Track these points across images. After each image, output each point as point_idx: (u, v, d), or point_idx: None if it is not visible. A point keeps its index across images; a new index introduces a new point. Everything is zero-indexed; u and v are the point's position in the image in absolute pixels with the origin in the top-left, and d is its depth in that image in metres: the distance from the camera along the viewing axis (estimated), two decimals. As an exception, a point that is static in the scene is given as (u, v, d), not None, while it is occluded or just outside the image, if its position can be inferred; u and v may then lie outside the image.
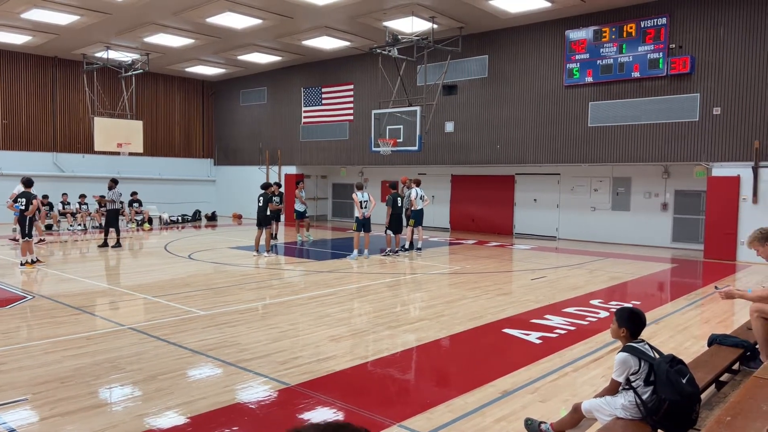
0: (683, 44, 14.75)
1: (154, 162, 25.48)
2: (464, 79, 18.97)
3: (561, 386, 5.23)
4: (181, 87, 26.76)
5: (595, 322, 7.72)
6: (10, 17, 17.12)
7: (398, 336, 6.97)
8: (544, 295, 9.45)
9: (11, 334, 6.83)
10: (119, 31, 18.52)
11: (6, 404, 4.64)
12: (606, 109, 16.11)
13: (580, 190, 18.49)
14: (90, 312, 8.06)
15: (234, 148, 27.13)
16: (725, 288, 5.42)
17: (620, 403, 3.73)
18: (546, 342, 6.70)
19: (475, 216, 20.87)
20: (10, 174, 20.39)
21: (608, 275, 11.73)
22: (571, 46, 16.53)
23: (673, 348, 6.30)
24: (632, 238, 17.30)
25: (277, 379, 5.31)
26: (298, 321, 7.63)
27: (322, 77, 23.08)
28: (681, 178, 16.50)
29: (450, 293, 9.75)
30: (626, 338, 3.86)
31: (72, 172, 22.90)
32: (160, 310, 8.17)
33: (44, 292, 9.31)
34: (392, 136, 17.50)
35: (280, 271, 12.18)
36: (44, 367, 5.57)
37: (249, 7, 15.96)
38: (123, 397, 4.95)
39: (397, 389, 5.31)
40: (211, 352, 6.12)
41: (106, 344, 6.38)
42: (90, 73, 22.00)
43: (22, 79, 22.06)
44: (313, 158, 23.81)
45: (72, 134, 23.39)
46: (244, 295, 9.44)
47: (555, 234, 18.96)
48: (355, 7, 15.74)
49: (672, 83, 15.00)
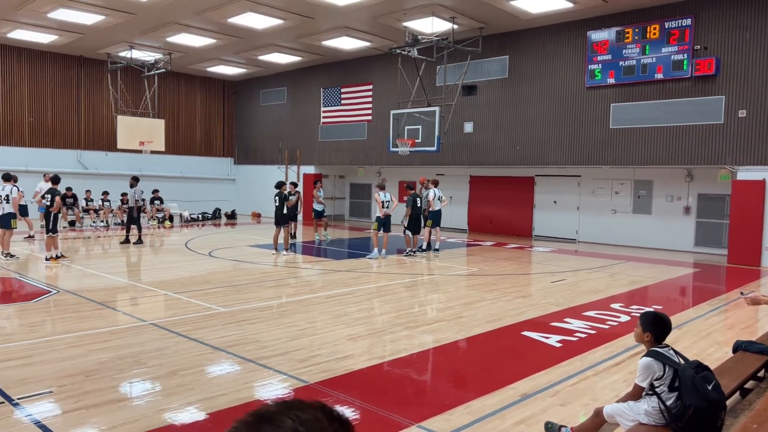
0: (708, 45, 14.52)
1: (175, 160, 25.77)
2: (484, 80, 18.88)
3: (581, 390, 5.18)
4: (203, 86, 27.03)
5: (616, 326, 7.64)
6: (37, 17, 17.45)
7: (416, 336, 6.96)
8: (563, 298, 9.37)
9: (37, 328, 6.96)
10: (143, 31, 18.77)
11: (32, 396, 4.73)
12: (628, 111, 15.92)
13: (600, 193, 18.30)
14: (113, 307, 8.18)
15: (254, 147, 27.33)
16: (751, 293, 5.32)
17: (643, 409, 3.69)
18: (566, 345, 6.64)
19: (493, 217, 20.76)
20: (36, 170, 20.75)
21: (629, 279, 11.59)
22: (593, 46, 16.36)
23: (697, 354, 6.20)
24: (654, 242, 17.07)
25: (296, 376, 5.34)
26: (317, 319, 7.67)
27: (341, 77, 23.15)
28: (704, 181, 16.25)
29: (468, 295, 9.71)
30: (650, 343, 3.81)
31: (95, 170, 23.24)
32: (182, 306, 8.27)
33: (68, 287, 9.46)
34: (411, 137, 17.49)
35: (299, 270, 12.25)
36: (69, 360, 5.67)
37: (270, 8, 16.06)
38: (145, 392, 5.02)
39: (415, 390, 5.31)
40: (231, 348, 6.18)
41: (129, 339, 6.47)
42: (114, 72, 22.33)
43: (48, 77, 22.46)
44: (331, 158, 23.89)
45: (95, 132, 23.75)
46: (263, 293, 9.51)
47: (575, 236, 18.78)
48: (375, 7, 15.76)
49: (696, 85, 14.77)
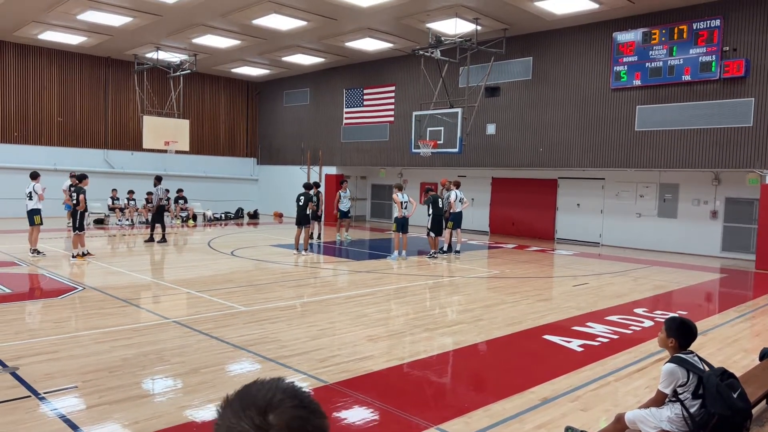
0: (738, 47, 14.23)
1: (199, 160, 26.10)
2: (507, 81, 18.76)
3: (603, 395, 5.11)
4: (227, 87, 27.34)
5: (639, 331, 7.52)
6: (67, 18, 17.83)
7: (435, 339, 6.94)
8: (586, 302, 9.26)
9: (63, 324, 7.10)
10: (169, 33, 19.05)
11: (58, 391, 4.83)
12: (654, 113, 15.67)
13: (625, 196, 18.04)
14: (136, 305, 8.31)
15: (277, 147, 27.54)
16: None
17: (666, 416, 3.63)
18: (588, 350, 6.57)
19: (515, 220, 20.61)
20: (64, 169, 21.19)
21: (653, 284, 11.41)
22: (619, 48, 16.15)
23: (722, 361, 6.08)
24: (679, 247, 16.77)
25: (316, 376, 5.37)
26: (336, 320, 7.69)
27: (364, 78, 23.21)
28: (732, 185, 15.92)
29: (489, 297, 9.66)
30: (674, 349, 3.75)
31: (121, 169, 23.66)
32: (204, 304, 8.36)
33: (93, 284, 9.64)
34: (433, 138, 17.45)
35: (319, 270, 12.30)
36: (94, 356, 5.78)
37: (294, 9, 16.18)
38: (167, 389, 5.09)
39: (434, 392, 5.30)
40: (252, 347, 6.23)
41: (152, 336, 6.57)
42: (140, 73, 22.70)
43: (76, 78, 22.93)
44: (353, 159, 23.96)
45: (122, 132, 24.18)
46: (284, 293, 9.57)
47: (598, 240, 18.54)
48: (398, 8, 15.77)
49: (725, 87, 14.49)
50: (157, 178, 15.78)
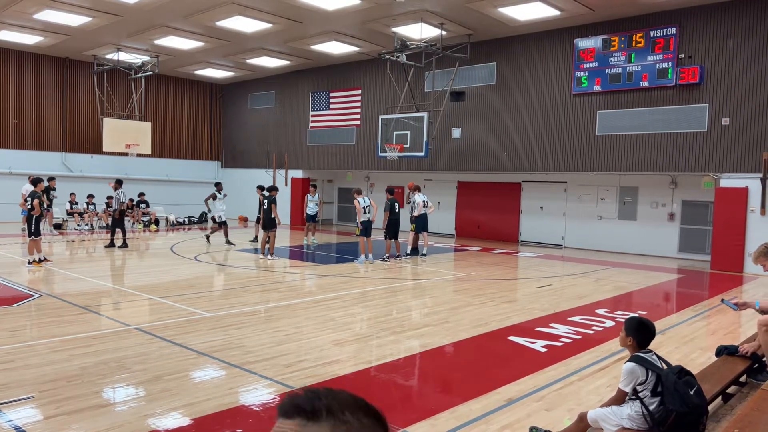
0: (692, 54, 14.72)
1: (161, 163, 25.58)
2: (472, 86, 18.98)
3: (566, 395, 5.21)
4: (190, 89, 26.89)
5: (601, 331, 7.69)
6: (23, 17, 17.27)
7: (402, 342, 6.96)
8: (549, 304, 9.43)
9: (18, 332, 6.86)
10: (130, 33, 18.65)
11: (12, 402, 4.66)
12: (614, 118, 16.08)
13: (586, 199, 18.45)
14: (96, 311, 8.09)
15: (241, 151, 27.22)
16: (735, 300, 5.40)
17: (627, 414, 3.72)
18: (551, 350, 6.68)
19: (480, 223, 20.84)
20: (20, 173, 20.50)
21: (614, 284, 11.68)
22: (580, 54, 16.52)
23: (679, 359, 6.26)
24: (639, 248, 17.23)
25: (282, 382, 5.32)
26: (303, 324, 7.64)
27: (330, 82, 23.15)
28: (688, 188, 16.45)
29: (455, 300, 9.74)
30: (634, 348, 3.84)
31: (80, 172, 23.02)
32: (166, 310, 8.20)
33: (51, 291, 9.35)
34: (399, 142, 17.53)
35: (286, 275, 12.20)
36: (51, 365, 5.60)
37: (259, 11, 16.04)
38: (128, 397, 4.97)
39: (401, 395, 5.31)
40: (217, 353, 6.13)
41: (113, 344, 6.41)
42: (100, 74, 22.15)
43: (33, 79, 22.22)
44: (319, 162, 23.86)
45: (81, 134, 23.52)
46: (249, 298, 9.46)
47: (561, 242, 18.90)
48: (364, 12, 15.80)
49: (681, 93, 14.97)
50: (117, 181, 15.41)
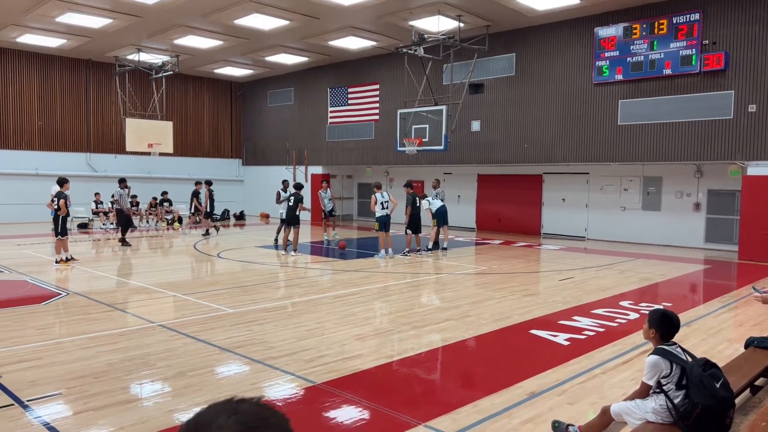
0: (717, 40, 14.39)
1: (183, 162, 25.89)
2: (491, 78, 18.82)
3: (589, 388, 5.15)
4: (210, 88, 27.14)
5: (625, 323, 7.58)
6: (46, 21, 17.59)
7: (423, 336, 6.95)
8: (572, 296, 9.33)
9: (47, 330, 7.01)
10: (150, 34, 18.87)
11: (42, 398, 4.77)
12: (636, 107, 15.81)
13: (609, 190, 18.20)
14: (122, 309, 8.23)
15: (261, 148, 27.42)
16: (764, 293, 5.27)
17: (651, 407, 3.66)
18: (574, 343, 6.61)
19: (501, 216, 20.70)
20: (47, 174, 20.92)
21: (638, 276, 11.52)
22: (601, 43, 16.27)
23: (706, 351, 6.15)
24: (663, 239, 16.96)
25: (304, 377, 5.35)
26: (324, 320, 7.68)
27: (348, 77, 23.16)
28: (714, 177, 16.11)
29: (476, 293, 9.69)
30: (657, 340, 3.78)
31: (104, 172, 23.41)
32: (190, 307, 8.31)
33: (78, 289, 9.54)
34: (418, 136, 17.47)
35: (307, 270, 12.27)
36: (78, 362, 5.71)
37: (276, 9, 16.10)
38: (153, 393, 5.05)
39: (422, 389, 5.30)
40: (239, 349, 6.20)
41: (138, 341, 6.51)
42: (122, 75, 22.47)
43: (57, 81, 22.64)
44: (339, 158, 23.92)
45: (104, 135, 23.92)
46: (271, 294, 9.54)
47: (584, 234, 18.69)
48: (381, 6, 15.75)
49: (705, 80, 14.65)
50: (121, 180, 15.85)
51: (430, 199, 15.11)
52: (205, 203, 18.62)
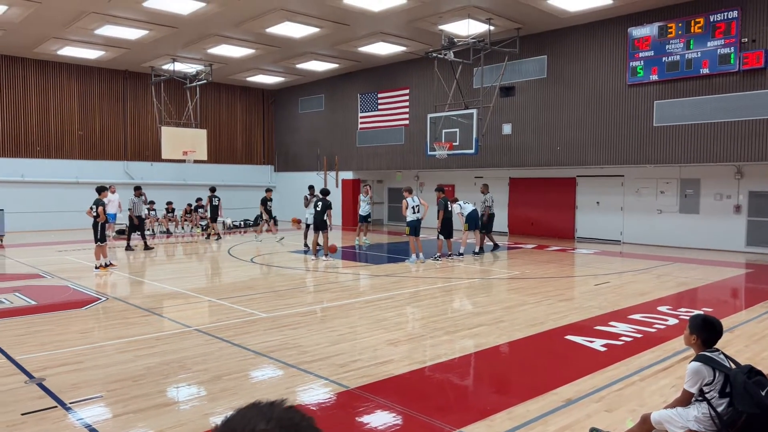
0: (756, 38, 13.99)
1: (217, 169, 26.34)
2: (522, 81, 18.66)
3: (627, 396, 5.04)
4: (243, 96, 27.58)
5: (663, 329, 7.41)
6: (85, 33, 18.16)
7: (456, 341, 6.91)
8: (608, 301, 9.15)
9: (87, 334, 7.20)
10: (185, 44, 19.29)
11: (83, 401, 4.89)
12: (673, 108, 15.46)
13: (645, 192, 17.81)
14: (158, 314, 8.40)
15: (293, 154, 27.71)
16: None
17: (693, 415, 3.57)
18: (611, 349, 6.48)
19: (534, 219, 20.45)
20: (86, 182, 21.55)
21: (677, 281, 11.23)
22: (635, 43, 15.97)
23: (749, 358, 5.96)
24: (702, 242, 16.51)
25: (337, 381, 5.37)
26: (357, 324, 7.69)
27: (378, 83, 23.25)
28: (756, 178, 15.62)
29: (509, 298, 9.59)
30: (699, 347, 3.68)
31: (141, 179, 23.95)
32: (224, 312, 8.43)
33: (116, 294, 9.77)
34: (448, 140, 17.41)
35: (338, 275, 12.32)
36: (117, 365, 5.85)
37: (306, 16, 16.29)
38: (190, 397, 5.13)
39: (456, 395, 5.27)
40: (273, 353, 6.26)
41: (174, 345, 6.63)
42: (157, 85, 23.01)
43: (95, 91, 23.33)
44: (369, 163, 24.00)
45: (141, 143, 24.53)
46: (303, 298, 9.61)
47: (619, 238, 18.32)
48: (410, 11, 15.78)
49: (745, 79, 14.24)
50: (136, 188, 16.39)
51: (461, 203, 15.09)
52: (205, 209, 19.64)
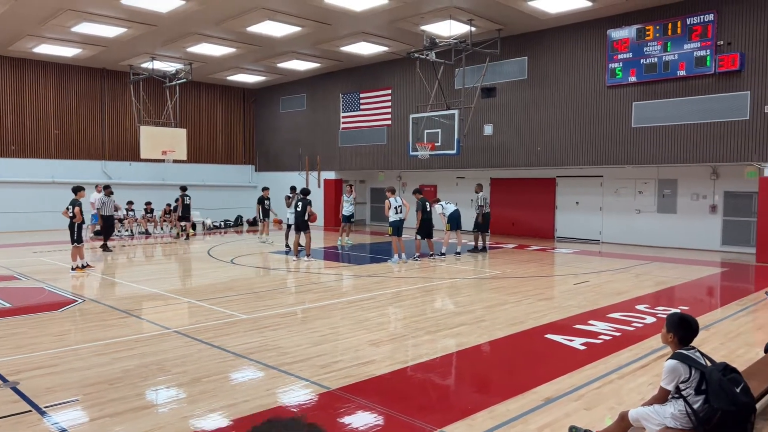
0: (732, 41, 14.25)
1: (197, 169, 26.09)
2: (503, 81, 18.78)
3: (606, 394, 5.09)
4: (223, 95, 27.36)
5: (642, 327, 7.50)
6: (62, 31, 17.85)
7: (438, 341, 6.92)
8: (587, 300, 9.25)
9: (63, 337, 7.08)
10: (164, 42, 19.07)
11: (59, 405, 4.80)
12: (651, 109, 15.69)
13: (624, 193, 18.05)
14: (137, 315, 8.29)
15: (274, 154, 27.55)
16: None
17: (670, 412, 3.61)
18: (590, 348, 6.55)
19: (515, 219, 20.59)
20: (63, 182, 21.19)
21: (654, 280, 11.39)
22: (614, 45, 16.17)
23: (725, 356, 6.06)
24: (679, 242, 16.77)
25: (318, 382, 5.35)
26: (338, 325, 7.67)
27: (360, 83, 23.23)
28: (731, 179, 15.92)
29: (490, 298, 9.64)
30: (675, 344, 3.73)
31: (119, 179, 23.64)
32: (204, 313, 8.34)
33: (93, 296, 9.62)
34: (430, 140, 17.46)
35: (320, 276, 12.28)
36: (94, 368, 5.75)
37: (288, 15, 16.20)
38: (169, 399, 5.07)
39: (437, 395, 5.27)
40: (254, 355, 6.21)
41: (153, 347, 6.55)
42: (136, 84, 22.72)
43: (72, 90, 22.95)
44: (351, 163, 23.96)
45: (119, 143, 24.19)
46: (284, 299, 9.56)
47: (598, 237, 18.54)
48: (392, 12, 15.79)
49: (720, 81, 14.50)
50: (106, 187, 16.20)
51: (443, 203, 15.14)
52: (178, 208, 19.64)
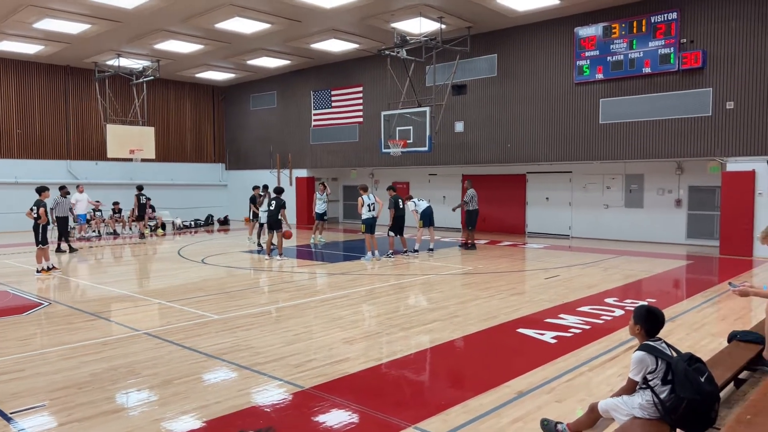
0: (695, 38, 14.60)
1: (166, 168, 25.66)
2: (473, 79, 18.92)
3: (577, 386, 5.19)
4: (192, 93, 26.94)
5: (611, 320, 7.66)
6: (23, 27, 17.34)
7: (412, 337, 6.95)
8: (558, 294, 9.39)
9: (29, 341, 6.90)
10: (130, 39, 18.68)
11: (25, 410, 4.68)
12: (617, 106, 15.99)
13: (592, 188, 18.36)
14: (105, 317, 8.13)
15: (245, 152, 27.26)
16: (740, 286, 5.34)
17: (638, 403, 3.70)
18: (561, 341, 6.66)
19: (486, 215, 20.74)
20: (26, 182, 20.62)
21: (623, 273, 11.63)
22: (581, 43, 16.43)
23: (690, 346, 6.23)
24: (646, 236, 17.15)
25: (292, 382, 5.32)
26: (312, 323, 7.64)
27: (331, 80, 23.13)
28: (695, 174, 16.34)
29: (463, 294, 9.72)
30: (642, 336, 3.82)
31: (86, 179, 23.10)
32: (175, 314, 8.22)
33: (60, 299, 9.40)
34: (402, 137, 17.50)
35: (293, 274, 12.21)
36: (62, 372, 5.63)
37: (257, 12, 16.03)
38: (139, 402, 4.98)
39: (411, 391, 5.30)
40: (226, 356, 6.15)
41: (123, 349, 6.43)
42: (102, 81, 22.22)
43: (35, 88, 22.32)
44: (323, 161, 23.87)
45: (85, 142, 23.63)
46: (257, 299, 9.48)
47: (568, 232, 18.84)
48: (362, 9, 15.76)
49: (684, 78, 14.86)
50: (62, 187, 15.88)
51: (416, 200, 15.20)
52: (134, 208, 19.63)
